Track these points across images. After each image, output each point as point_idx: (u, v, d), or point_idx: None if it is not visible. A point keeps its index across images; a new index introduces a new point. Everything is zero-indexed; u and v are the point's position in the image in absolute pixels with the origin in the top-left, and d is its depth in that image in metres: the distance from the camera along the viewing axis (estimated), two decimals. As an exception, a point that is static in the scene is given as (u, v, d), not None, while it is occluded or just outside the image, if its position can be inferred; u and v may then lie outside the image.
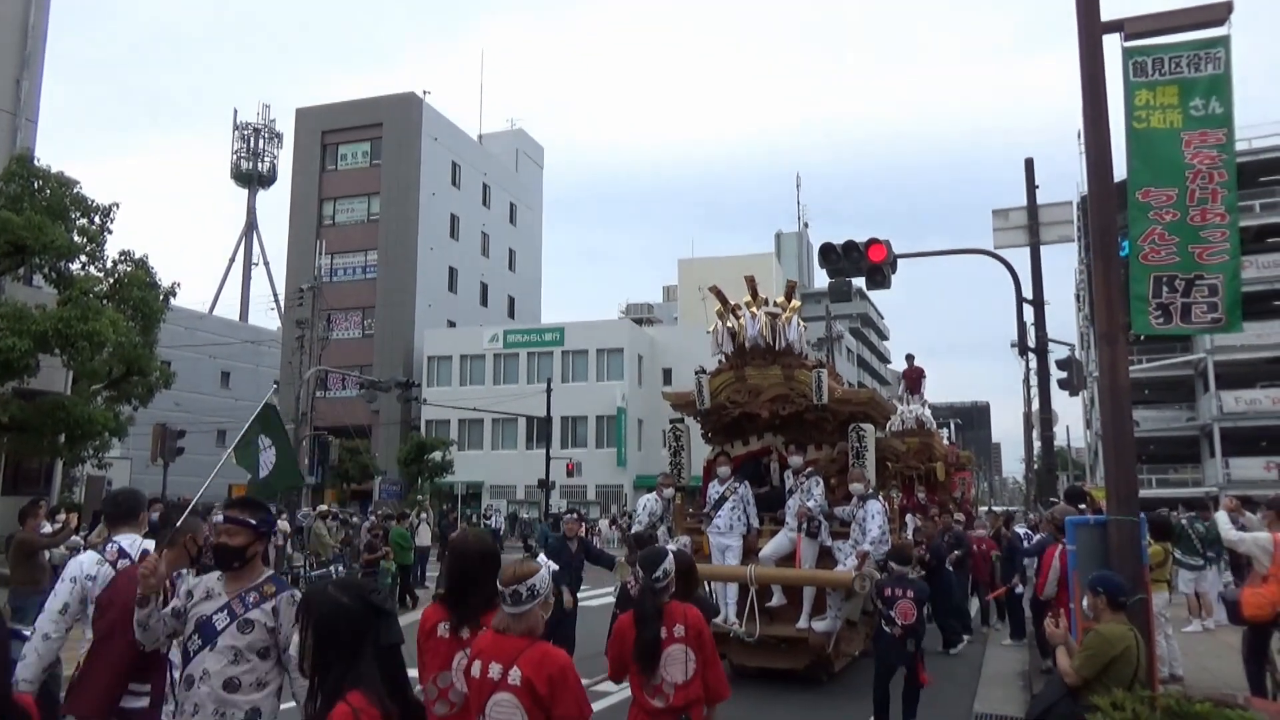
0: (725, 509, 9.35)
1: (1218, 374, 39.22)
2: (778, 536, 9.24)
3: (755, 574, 8.76)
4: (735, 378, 9.70)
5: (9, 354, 14.15)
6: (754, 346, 9.52)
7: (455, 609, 3.50)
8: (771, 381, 9.45)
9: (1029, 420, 24.36)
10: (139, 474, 38.14)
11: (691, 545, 9.25)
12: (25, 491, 17.49)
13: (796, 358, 9.48)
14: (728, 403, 9.69)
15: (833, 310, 44.42)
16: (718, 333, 9.76)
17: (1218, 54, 6.01)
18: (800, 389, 9.30)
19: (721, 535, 9.33)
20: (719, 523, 9.34)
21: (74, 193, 16.16)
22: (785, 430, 9.78)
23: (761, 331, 9.41)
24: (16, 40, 18.93)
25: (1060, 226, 14.04)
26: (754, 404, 9.54)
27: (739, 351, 9.67)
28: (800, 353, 9.56)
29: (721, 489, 9.50)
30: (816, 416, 9.39)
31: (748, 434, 10.12)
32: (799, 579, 8.87)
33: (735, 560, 9.20)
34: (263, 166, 76.17)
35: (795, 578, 8.88)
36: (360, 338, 48.14)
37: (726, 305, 9.74)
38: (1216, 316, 5.96)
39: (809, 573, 8.86)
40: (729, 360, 9.81)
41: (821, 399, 9.15)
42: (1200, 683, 8.52)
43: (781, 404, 9.44)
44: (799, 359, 9.49)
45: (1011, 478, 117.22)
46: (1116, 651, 4.89)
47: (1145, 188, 6.09)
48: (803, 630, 8.73)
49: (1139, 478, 6.71)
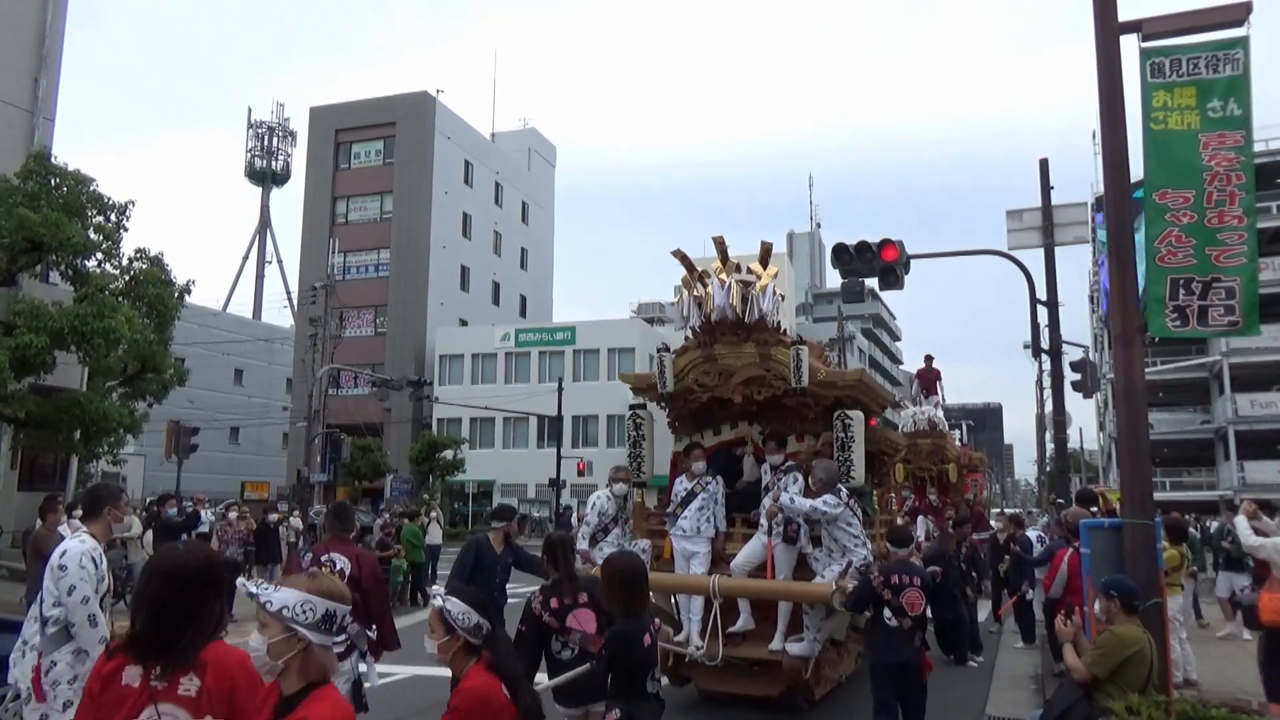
0: (692, 509, 8.03)
1: (1233, 376, 38.91)
2: (751, 542, 7.90)
3: (719, 585, 7.49)
4: (703, 357, 8.35)
5: (26, 350, 14.24)
6: (723, 319, 8.15)
7: (155, 649, 2.58)
8: (745, 361, 8.13)
9: (1042, 422, 24.24)
10: (153, 470, 38.43)
11: (652, 550, 8.21)
12: (41, 487, 17.64)
13: (773, 333, 8.18)
14: (695, 386, 8.35)
15: (845, 311, 44.32)
16: (683, 304, 8.41)
17: (1236, 55, 5.97)
18: (777, 370, 7.97)
19: (686, 539, 8.03)
20: (684, 524, 8.01)
21: (90, 190, 16.27)
22: (762, 418, 8.45)
23: (731, 301, 7.98)
24: (34, 39, 19.07)
25: (1075, 227, 13.96)
26: (725, 387, 8.21)
27: (707, 326, 8.31)
28: (777, 327, 8.30)
29: (690, 485, 8.18)
30: (797, 402, 8.06)
31: (719, 422, 8.78)
32: (767, 591, 7.62)
33: (701, 569, 7.91)
34: (277, 165, 76.51)
35: (763, 590, 7.62)
36: (373, 336, 48.32)
37: (693, 272, 8.34)
38: (1234, 319, 5.92)
39: (779, 585, 7.56)
40: (696, 337, 8.43)
41: (801, 381, 7.81)
42: (1216, 688, 8.46)
43: (756, 387, 8.11)
44: (776, 334, 8.19)
45: (1024, 479, 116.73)
46: (1129, 652, 4.88)
47: (1162, 189, 6.05)
48: (775, 652, 7.46)
49: (1153, 481, 6.67)
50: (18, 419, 15.73)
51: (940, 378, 18.37)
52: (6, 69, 18.43)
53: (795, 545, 7.56)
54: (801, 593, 7.40)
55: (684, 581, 7.94)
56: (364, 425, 40.18)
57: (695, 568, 7.91)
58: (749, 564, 7.74)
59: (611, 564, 4.23)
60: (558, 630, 4.75)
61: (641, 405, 9.00)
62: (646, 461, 8.79)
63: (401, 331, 47.84)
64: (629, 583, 4.08)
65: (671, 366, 8.46)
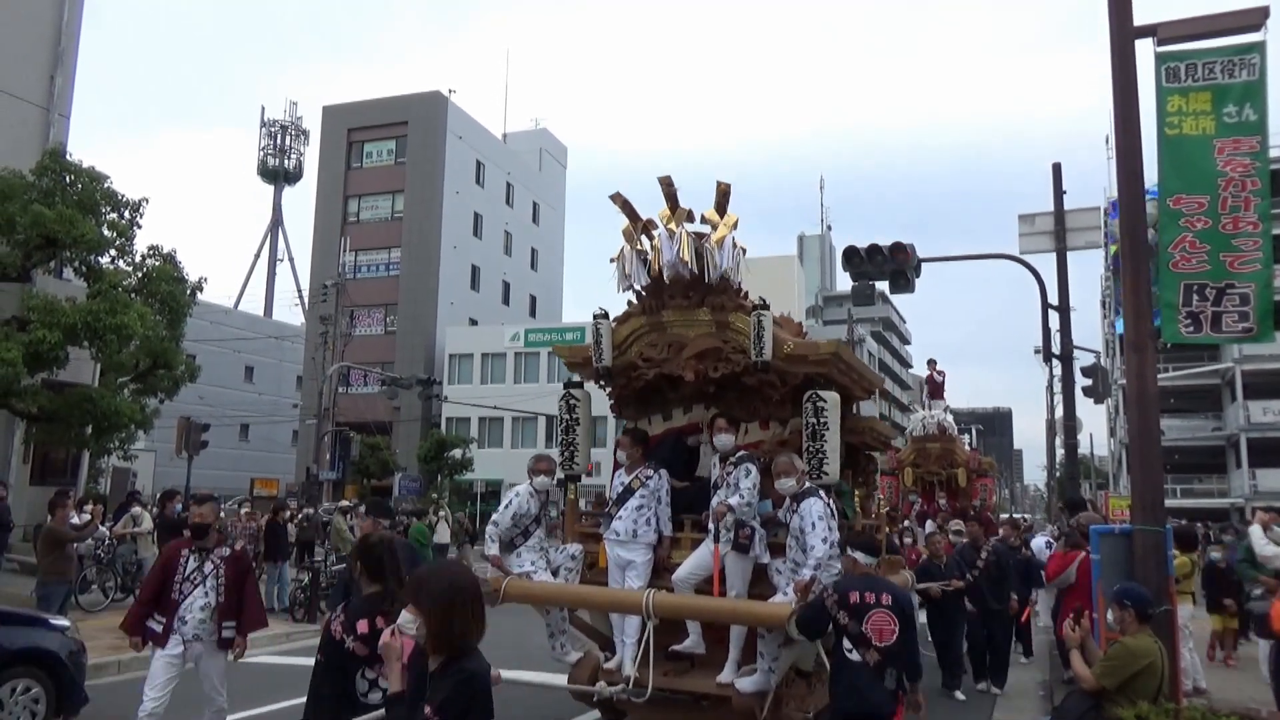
0: (630, 507, 6.58)
1: (1245, 383, 38.73)
2: (699, 550, 6.41)
3: (653, 603, 6.00)
4: (649, 325, 6.92)
5: (39, 346, 14.34)
6: (674, 279, 6.67)
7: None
8: (699, 330, 6.73)
9: (1052, 427, 24.17)
10: (163, 466, 38.62)
11: (584, 558, 6.95)
12: (52, 482, 17.74)
13: (732, 295, 6.71)
14: (640, 360, 6.91)
15: (855, 314, 44.22)
16: (623, 260, 6.83)
17: (1253, 60, 5.95)
18: (736, 341, 6.58)
19: (621, 544, 6.58)
20: (619, 527, 6.58)
21: (104, 187, 16.35)
22: (721, 400, 7.03)
23: (681, 255, 6.47)
24: (50, 37, 19.20)
25: (1088, 232, 13.94)
26: (675, 362, 6.77)
27: (654, 288, 6.86)
28: (738, 289, 6.80)
29: (628, 479, 6.74)
30: (759, 380, 6.63)
31: (670, 404, 7.37)
32: (710, 612, 6.14)
33: (639, 581, 6.47)
34: (289, 164, 76.79)
35: (705, 610, 6.16)
36: (383, 334, 48.47)
37: (636, 221, 6.77)
38: (1248, 326, 5.90)
39: (726, 604, 6.06)
40: (641, 301, 7.01)
41: (762, 354, 6.40)
42: (1225, 697, 8.41)
43: (711, 362, 6.70)
44: (735, 297, 6.72)
45: (1033, 485, 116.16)
46: (1139, 666, 4.84)
47: (1176, 195, 6.03)
48: (724, 686, 6.06)
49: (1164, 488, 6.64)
50: (30, 414, 15.84)
51: (944, 380, 18.38)
52: (23, 66, 18.56)
53: (749, 555, 6.10)
54: (751, 614, 5.91)
55: (610, 597, 6.53)
56: (373, 423, 40.30)
57: (632, 580, 6.50)
58: (694, 577, 6.28)
59: (423, 581, 2.82)
60: (366, 660, 3.67)
61: (578, 384, 7.51)
62: (580, 451, 7.35)
63: (411, 330, 47.97)
64: (446, 609, 2.72)
65: (610, 336, 7.06)
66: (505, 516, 6.69)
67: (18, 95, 18.35)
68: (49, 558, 10.06)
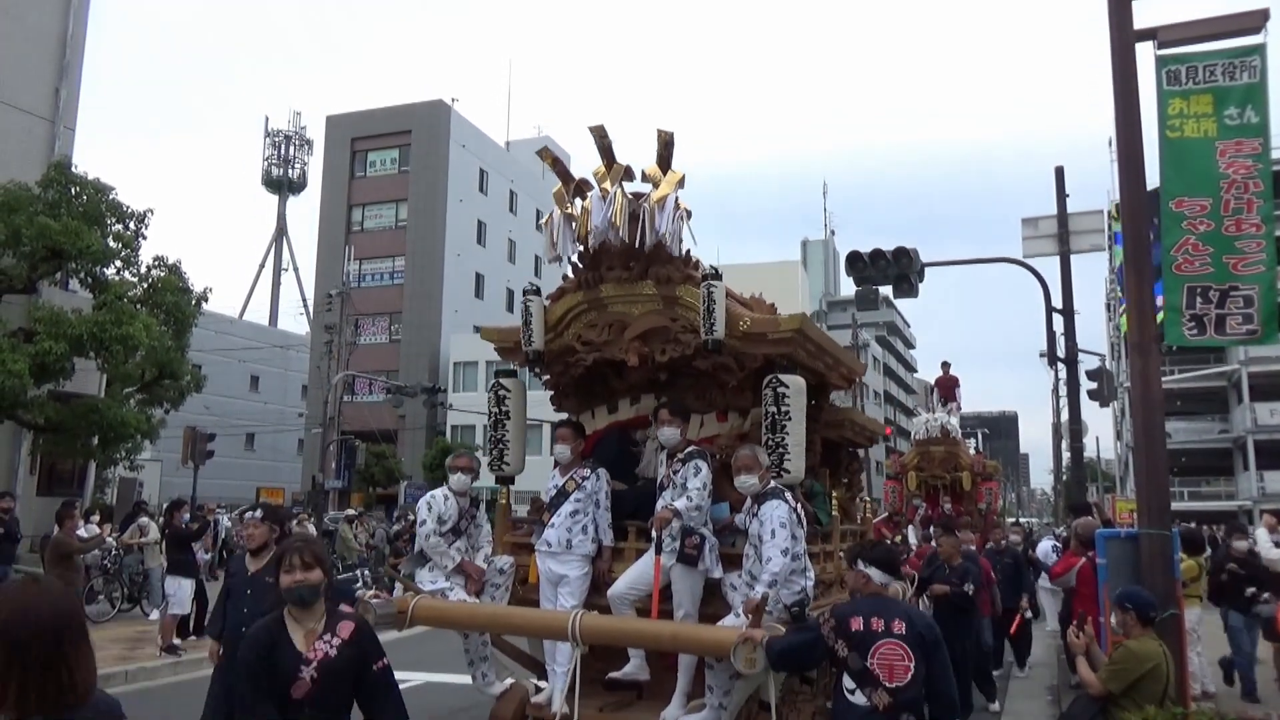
0: (563, 514, 5.70)
1: (1252, 385, 38.59)
2: (639, 562, 5.48)
3: (579, 626, 4.95)
4: (588, 302, 5.96)
5: (46, 357, 14.41)
6: (606, 247, 5.72)
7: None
8: (644, 307, 5.78)
9: (1058, 431, 24.13)
10: (169, 476, 38.68)
11: (514, 572, 5.98)
12: (59, 492, 17.79)
13: (679, 265, 5.68)
14: (578, 344, 5.97)
15: (859, 318, 44.19)
16: (552, 227, 5.86)
17: (1253, 62, 5.95)
18: (686, 318, 5.61)
19: (553, 556, 5.66)
20: (550, 536, 5.68)
21: (109, 199, 16.43)
22: (672, 387, 6.08)
23: (614, 219, 5.52)
24: (55, 50, 19.32)
25: (1091, 235, 13.92)
26: (618, 344, 5.82)
27: (591, 259, 5.88)
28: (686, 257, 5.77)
29: (562, 480, 5.87)
30: (713, 363, 5.65)
31: (616, 395, 6.40)
32: (645, 637, 5.13)
33: (574, 599, 5.52)
34: (293, 173, 77.04)
35: (639, 634, 5.15)
36: (387, 343, 48.54)
37: (568, 182, 5.84)
38: (1252, 328, 5.89)
39: (665, 629, 5.03)
40: (577, 274, 6.03)
41: (713, 331, 5.37)
42: (1235, 701, 8.38)
43: (658, 343, 5.73)
44: (683, 266, 5.70)
45: (1040, 489, 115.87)
46: (1144, 670, 4.83)
47: (1179, 197, 6.04)
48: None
49: (1171, 491, 6.63)
50: (37, 425, 15.90)
51: (958, 384, 18.36)
52: (28, 79, 18.66)
53: (698, 568, 5.14)
54: (691, 640, 4.92)
55: (531, 619, 5.47)
56: (378, 432, 40.33)
57: (565, 598, 5.54)
58: (633, 593, 5.34)
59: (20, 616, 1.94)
60: None
61: (511, 372, 6.57)
62: (513, 449, 6.43)
63: (416, 339, 48.05)
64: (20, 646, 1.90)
65: (542, 316, 6.08)
66: (429, 524, 5.78)
67: (23, 108, 18.45)
68: (56, 569, 10.09)
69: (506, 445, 6.42)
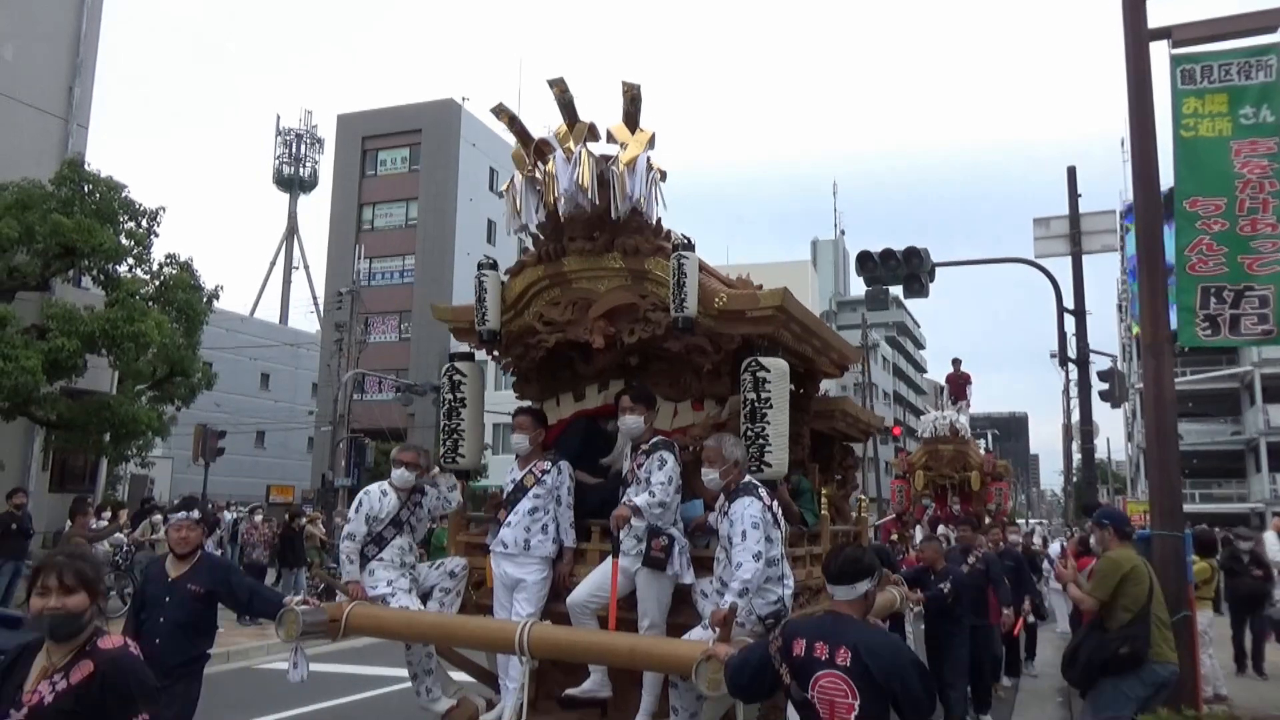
0: (520, 511, 5.16)
1: (1265, 387, 38.34)
2: (605, 564, 4.88)
3: (529, 637, 4.43)
4: (549, 277, 5.32)
5: (58, 354, 14.49)
6: (573, 214, 5.08)
7: None
8: (611, 282, 5.16)
9: (1068, 432, 24.04)
10: (180, 473, 38.89)
11: (468, 575, 5.49)
12: (71, 489, 17.90)
13: (648, 235, 5.08)
14: (538, 324, 5.36)
15: (869, 318, 44.09)
16: (515, 194, 5.23)
17: (1269, 61, 5.91)
18: (657, 294, 5.00)
19: (510, 558, 5.13)
20: (506, 536, 5.14)
21: (122, 197, 16.53)
22: (643, 371, 5.55)
23: (581, 182, 4.91)
24: (69, 49, 19.44)
25: (1103, 235, 13.87)
26: (582, 324, 5.21)
27: (553, 229, 5.25)
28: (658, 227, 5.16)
29: (520, 474, 5.30)
30: (687, 345, 5.05)
31: (583, 381, 5.81)
32: (601, 651, 4.57)
33: (531, 606, 5.02)
34: (304, 172, 77.30)
35: (594, 647, 4.58)
36: (397, 341, 48.67)
37: (528, 143, 5.22)
38: (1267, 328, 5.86)
39: (622, 642, 4.45)
40: (538, 246, 5.39)
41: (684, 309, 4.77)
42: (1248, 704, 8.33)
43: (626, 322, 5.14)
44: (653, 238, 5.09)
45: (1050, 490, 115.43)
46: (1125, 570, 5.18)
47: (1193, 197, 6.00)
48: None
49: (1182, 492, 6.59)
50: (49, 421, 16.00)
51: (970, 382, 18.24)
52: (43, 78, 18.78)
53: (666, 573, 4.63)
54: (651, 655, 4.36)
55: (475, 630, 4.91)
56: (388, 430, 40.40)
57: (521, 605, 5.03)
58: (594, 601, 4.82)
59: None
60: None
61: (467, 355, 5.90)
62: (469, 440, 5.76)
63: (426, 337, 48.12)
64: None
65: (498, 292, 5.44)
66: (359, 523, 5.33)
67: (37, 106, 18.57)
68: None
69: (461, 435, 5.73)
